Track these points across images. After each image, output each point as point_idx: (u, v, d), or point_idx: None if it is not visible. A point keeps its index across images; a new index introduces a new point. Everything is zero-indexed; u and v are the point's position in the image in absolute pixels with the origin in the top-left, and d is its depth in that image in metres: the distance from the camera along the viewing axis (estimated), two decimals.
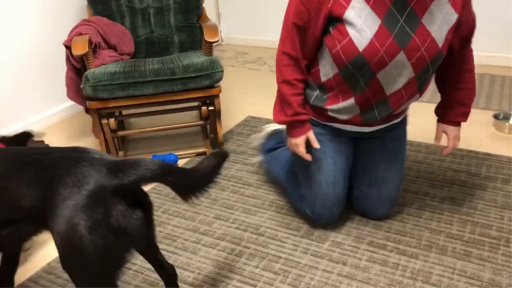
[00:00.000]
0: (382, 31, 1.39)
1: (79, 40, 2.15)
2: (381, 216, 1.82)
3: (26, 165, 1.17)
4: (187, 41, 2.56)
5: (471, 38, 1.62)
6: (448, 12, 1.43)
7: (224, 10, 4.30)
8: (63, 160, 1.14)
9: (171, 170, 1.16)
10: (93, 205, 1.06)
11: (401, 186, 1.90)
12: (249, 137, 2.53)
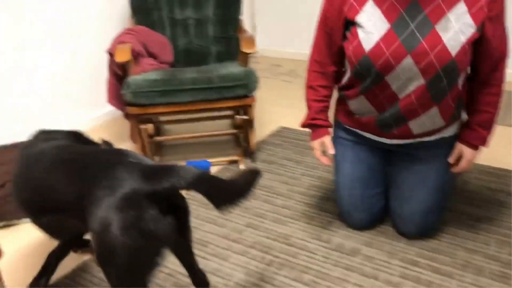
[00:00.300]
0: (389, 34, 1.44)
1: (122, 48, 2.22)
2: (407, 234, 1.78)
3: (69, 161, 1.24)
4: (224, 51, 2.61)
5: (502, 63, 1.55)
6: (467, 22, 1.42)
7: (260, 22, 4.35)
8: (102, 162, 1.19)
9: (204, 179, 1.16)
10: (126, 208, 1.09)
11: (436, 213, 1.76)
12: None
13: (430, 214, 1.74)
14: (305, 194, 2.12)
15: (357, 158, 1.79)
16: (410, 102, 1.53)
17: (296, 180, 2.24)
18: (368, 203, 1.81)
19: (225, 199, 1.18)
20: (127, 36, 2.34)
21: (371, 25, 1.46)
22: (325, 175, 2.27)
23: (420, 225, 1.75)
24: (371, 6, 1.47)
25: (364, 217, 1.82)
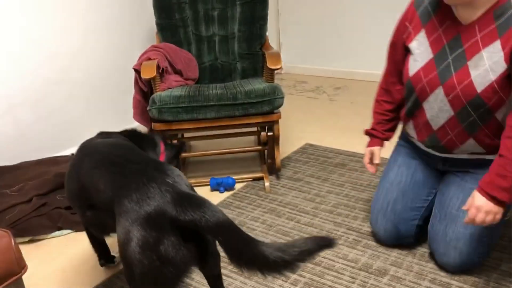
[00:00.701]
0: (430, 64, 1.56)
1: (148, 65, 2.25)
2: (448, 264, 1.63)
3: (113, 164, 1.29)
4: (249, 68, 2.62)
5: None
6: (498, 61, 1.43)
7: (285, 40, 4.37)
8: (141, 174, 1.20)
9: (226, 229, 1.11)
10: (148, 227, 1.09)
11: (484, 245, 1.60)
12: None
13: (477, 243, 1.58)
14: (331, 212, 2.08)
15: (406, 165, 1.81)
16: (445, 132, 1.60)
17: (322, 197, 2.21)
18: (397, 214, 1.75)
19: (243, 258, 1.11)
20: (153, 52, 2.38)
21: (419, 53, 1.59)
22: (352, 193, 2.23)
23: (464, 253, 1.59)
24: (422, 36, 1.58)
25: (389, 227, 1.76)
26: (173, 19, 2.59)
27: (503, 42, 1.41)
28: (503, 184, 1.40)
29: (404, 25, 1.64)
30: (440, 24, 1.54)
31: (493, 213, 1.43)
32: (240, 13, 2.60)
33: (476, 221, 1.45)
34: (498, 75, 1.43)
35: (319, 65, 4.27)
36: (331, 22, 4.05)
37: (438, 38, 1.54)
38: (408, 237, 1.79)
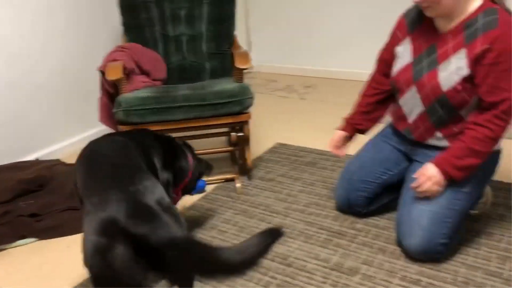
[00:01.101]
0: (409, 67, 1.75)
1: (113, 66, 2.20)
2: (412, 245, 1.69)
3: (93, 164, 1.36)
4: (218, 68, 2.59)
5: (495, 113, 1.56)
6: (462, 66, 1.60)
7: (255, 38, 4.35)
8: (106, 178, 1.21)
9: (180, 245, 1.09)
10: (100, 233, 1.10)
11: (446, 229, 1.66)
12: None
13: (440, 223, 1.65)
14: (303, 212, 2.08)
15: (374, 145, 1.99)
16: (417, 126, 1.78)
17: (293, 197, 2.20)
18: (351, 184, 1.94)
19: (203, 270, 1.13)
20: (118, 53, 2.32)
21: (402, 57, 1.79)
22: (323, 191, 2.23)
23: (427, 231, 1.65)
24: (407, 42, 1.78)
25: (342, 194, 1.97)
26: (139, 18, 2.53)
27: (468, 51, 1.58)
28: (457, 163, 1.62)
29: (396, 33, 1.84)
30: (423, 33, 1.73)
31: (439, 185, 1.65)
32: (207, 12, 2.57)
33: (422, 188, 1.66)
34: (461, 78, 1.60)
35: (289, 64, 4.27)
36: (301, 21, 4.06)
37: (419, 45, 1.73)
38: (357, 206, 1.96)
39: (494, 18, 1.54)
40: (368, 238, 1.87)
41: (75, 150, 2.84)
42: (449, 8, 1.59)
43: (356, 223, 1.97)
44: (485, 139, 1.59)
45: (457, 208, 1.68)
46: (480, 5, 1.59)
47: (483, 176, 1.75)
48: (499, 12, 1.55)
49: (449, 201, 1.67)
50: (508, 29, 1.52)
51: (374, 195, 1.94)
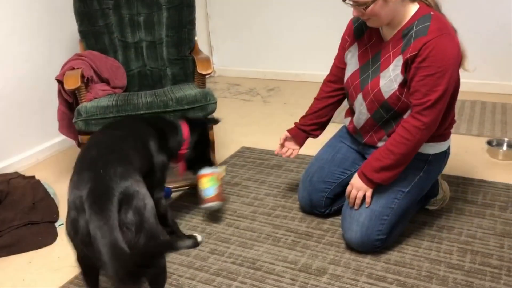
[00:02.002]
0: (356, 73, 1.80)
1: (72, 75, 2.14)
2: (351, 239, 1.76)
3: (90, 148, 1.48)
4: (179, 73, 2.57)
5: (418, 118, 1.60)
6: (398, 73, 1.65)
7: (216, 43, 4.35)
8: (87, 162, 1.39)
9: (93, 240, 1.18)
10: (73, 208, 1.28)
11: (383, 225, 1.72)
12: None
13: (377, 220, 1.72)
14: (270, 215, 2.08)
15: (332, 146, 2.04)
16: (366, 131, 1.85)
17: (260, 201, 2.21)
18: (312, 185, 1.97)
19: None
20: (76, 61, 2.27)
21: (350, 64, 1.84)
22: (289, 194, 2.25)
23: (364, 227, 1.72)
24: (354, 48, 1.82)
25: (305, 195, 2.00)
26: (96, 25, 2.48)
27: (403, 57, 1.62)
28: (375, 165, 1.69)
29: (345, 37, 1.88)
30: (369, 40, 1.77)
31: (363, 190, 1.73)
32: (167, 17, 2.55)
33: (351, 198, 1.75)
34: (399, 85, 1.65)
35: (251, 67, 4.28)
36: (261, 24, 4.08)
37: (366, 52, 1.78)
38: (319, 207, 1.99)
39: (425, 26, 1.57)
40: (334, 238, 1.89)
41: (34, 162, 2.77)
42: (388, 19, 1.62)
43: (322, 223, 1.99)
44: (401, 139, 1.64)
45: (395, 207, 1.74)
46: (416, 12, 1.62)
47: (426, 177, 1.79)
48: (431, 18, 1.58)
49: (388, 200, 1.73)
50: (436, 35, 1.54)
51: (335, 195, 1.97)
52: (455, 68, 1.58)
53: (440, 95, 1.56)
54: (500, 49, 3.32)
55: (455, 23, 1.64)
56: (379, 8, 1.57)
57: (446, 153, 1.84)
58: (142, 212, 1.30)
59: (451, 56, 1.55)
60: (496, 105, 3.20)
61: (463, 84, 3.59)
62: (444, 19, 1.61)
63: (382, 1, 1.56)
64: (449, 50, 1.54)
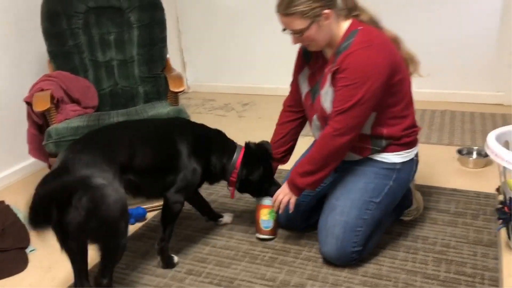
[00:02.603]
0: (308, 95, 1.85)
1: (41, 96, 2.11)
2: (327, 253, 1.77)
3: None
4: (152, 91, 2.55)
5: (328, 124, 1.68)
6: (331, 89, 1.69)
7: (189, 58, 4.34)
8: (77, 144, 1.63)
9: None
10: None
11: (358, 237, 1.73)
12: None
13: (351, 232, 1.73)
14: (247, 232, 2.07)
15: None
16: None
17: (237, 217, 2.19)
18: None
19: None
20: (45, 82, 2.23)
21: (302, 86, 1.88)
22: None
23: (340, 240, 1.73)
24: (305, 71, 1.86)
25: (282, 212, 1.93)
26: (66, 45, 2.45)
27: (331, 73, 1.67)
28: (299, 170, 1.76)
29: (297, 63, 1.92)
30: (316, 62, 1.81)
31: (288, 196, 1.79)
32: (138, 36, 2.54)
33: (277, 201, 1.82)
34: (332, 100, 1.69)
35: (225, 82, 4.29)
36: (234, 39, 4.10)
37: (314, 75, 1.82)
38: (296, 221, 1.99)
39: (350, 42, 1.62)
40: (312, 252, 1.89)
41: (4, 186, 2.69)
42: (326, 41, 1.68)
43: (299, 238, 1.99)
44: (318, 145, 1.71)
45: (367, 218, 1.75)
46: (347, 29, 1.67)
47: (396, 186, 1.81)
48: (357, 33, 1.63)
49: (360, 212, 1.75)
50: (357, 48, 1.59)
51: (310, 208, 1.98)
52: (379, 77, 1.60)
53: (354, 103, 1.60)
54: (466, 59, 3.42)
55: (416, 36, 1.69)
56: (315, 33, 1.64)
57: (413, 161, 1.86)
58: (97, 201, 1.42)
59: (371, 67, 1.59)
60: (464, 114, 3.28)
61: (432, 95, 3.68)
62: (372, 33, 1.65)
63: (316, 25, 1.62)
64: (369, 61, 1.59)
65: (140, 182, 1.69)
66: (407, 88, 1.74)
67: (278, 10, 1.66)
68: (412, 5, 3.41)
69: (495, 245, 1.84)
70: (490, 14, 3.27)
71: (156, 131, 1.81)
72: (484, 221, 2.01)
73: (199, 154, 1.82)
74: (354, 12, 1.69)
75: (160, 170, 1.74)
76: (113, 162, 1.55)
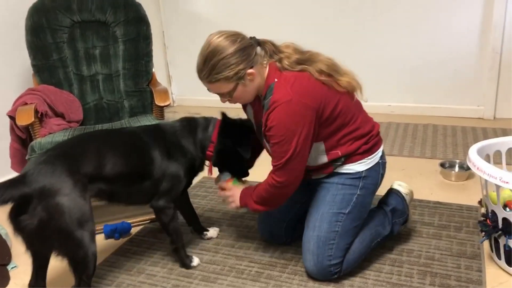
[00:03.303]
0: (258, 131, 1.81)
1: (24, 110, 2.09)
2: (308, 269, 1.78)
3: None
4: (137, 105, 2.54)
5: (271, 176, 1.71)
6: (267, 144, 1.73)
7: (174, 72, 4.35)
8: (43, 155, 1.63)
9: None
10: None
11: (333, 250, 1.74)
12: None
13: (324, 246, 1.74)
14: (233, 246, 2.06)
15: None
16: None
17: (223, 232, 2.19)
18: (270, 217, 1.99)
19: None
20: (29, 96, 2.21)
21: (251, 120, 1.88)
22: (251, 223, 2.24)
23: (315, 255, 1.74)
24: (249, 107, 1.86)
25: (265, 227, 2.02)
26: (50, 59, 2.44)
27: (264, 121, 1.68)
28: (253, 197, 1.78)
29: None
30: (256, 101, 1.78)
31: (236, 202, 1.86)
32: (123, 50, 2.54)
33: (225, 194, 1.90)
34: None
35: (210, 96, 4.28)
36: None
37: (256, 113, 1.81)
38: (279, 236, 2.01)
39: (268, 100, 1.63)
40: (298, 266, 1.89)
41: None
42: (254, 94, 1.72)
43: (286, 252, 1.99)
44: (266, 188, 1.73)
45: (339, 230, 1.76)
46: (266, 80, 1.68)
47: (364, 194, 1.80)
48: (274, 89, 1.63)
49: (330, 225, 1.76)
50: (276, 106, 1.60)
51: (294, 222, 1.98)
52: (305, 125, 1.61)
53: (289, 157, 1.63)
54: (447, 75, 3.50)
55: (399, 52, 1.68)
56: (242, 92, 1.68)
57: (379, 164, 1.84)
58: (50, 210, 1.46)
59: (294, 122, 1.60)
60: (446, 128, 3.34)
61: (415, 109, 3.73)
62: (287, 83, 1.63)
63: (241, 86, 1.66)
64: (290, 117, 1.60)
65: (113, 190, 1.71)
66: (345, 109, 1.71)
67: (201, 78, 1.71)
68: (395, 22, 3.48)
69: (478, 258, 1.86)
70: (469, 30, 3.36)
71: (126, 139, 1.81)
72: (467, 234, 2.04)
73: (175, 155, 1.82)
74: (275, 56, 1.69)
75: (134, 177, 1.75)
76: (76, 172, 1.56)
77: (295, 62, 1.68)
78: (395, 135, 3.27)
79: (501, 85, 3.40)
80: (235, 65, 1.61)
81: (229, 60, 1.60)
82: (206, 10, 4.03)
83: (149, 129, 1.90)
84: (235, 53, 1.60)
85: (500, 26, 3.26)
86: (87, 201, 1.57)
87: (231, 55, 1.60)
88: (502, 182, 1.57)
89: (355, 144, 1.76)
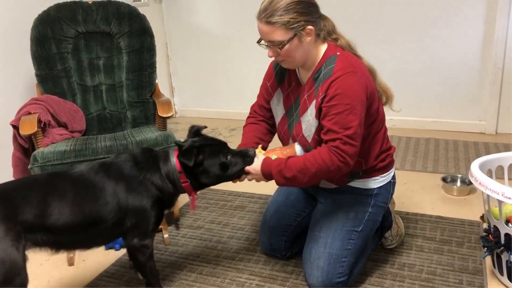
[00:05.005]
0: (284, 118, 1.80)
1: (27, 120, 2.10)
2: (315, 286, 1.73)
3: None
4: (140, 116, 2.55)
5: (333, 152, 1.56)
6: (314, 118, 1.64)
7: (177, 84, 4.37)
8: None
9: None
10: None
11: (343, 266, 1.72)
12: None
13: (336, 264, 1.71)
14: (234, 258, 2.05)
15: (286, 188, 2.00)
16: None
17: (223, 244, 2.18)
18: (270, 229, 1.97)
19: None
20: (33, 106, 2.22)
21: (276, 109, 1.83)
22: (253, 235, 2.23)
23: (325, 272, 1.71)
24: (279, 93, 1.81)
25: (265, 240, 2.00)
26: (54, 69, 2.45)
27: (316, 102, 1.62)
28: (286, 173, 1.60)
29: (266, 83, 1.87)
30: (289, 84, 1.76)
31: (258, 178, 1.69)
32: (127, 61, 2.55)
33: (249, 178, 1.70)
34: (315, 129, 1.64)
35: (213, 108, 4.32)
36: (221, 65, 4.15)
37: (288, 97, 1.77)
38: (279, 250, 1.99)
39: (330, 68, 1.58)
40: (299, 279, 1.88)
41: None
42: (302, 60, 1.63)
43: (287, 265, 1.98)
44: (317, 164, 1.57)
45: (351, 248, 1.74)
46: (324, 54, 1.64)
47: (375, 211, 1.80)
48: (337, 59, 1.59)
49: (343, 243, 1.74)
50: (340, 74, 1.55)
51: (294, 236, 1.97)
52: (362, 105, 1.57)
53: (356, 126, 1.54)
54: (449, 89, 3.50)
55: (401, 66, 1.69)
56: (294, 49, 1.58)
57: (390, 183, 1.84)
58: None
59: (357, 93, 1.55)
60: (448, 142, 3.34)
61: (417, 123, 3.75)
62: (351, 59, 1.61)
63: (297, 40, 1.56)
64: (354, 87, 1.55)
65: (62, 240, 1.55)
66: (381, 116, 1.72)
67: (260, 17, 1.56)
68: (396, 36, 3.50)
69: (480, 273, 1.85)
70: (471, 45, 3.37)
71: (75, 182, 1.59)
72: (469, 249, 2.02)
73: (137, 189, 1.62)
74: (332, 35, 1.66)
75: (86, 224, 1.55)
76: (11, 219, 1.41)
77: (349, 49, 1.67)
78: (397, 149, 3.26)
79: (503, 100, 3.41)
80: (298, 14, 1.54)
81: (295, 6, 1.53)
82: (209, 22, 4.06)
83: (101, 167, 1.64)
84: (301, 2, 1.55)
85: (502, 41, 3.27)
86: (19, 252, 1.41)
87: (299, 2, 1.54)
88: (505, 198, 1.57)
89: (378, 159, 1.74)
